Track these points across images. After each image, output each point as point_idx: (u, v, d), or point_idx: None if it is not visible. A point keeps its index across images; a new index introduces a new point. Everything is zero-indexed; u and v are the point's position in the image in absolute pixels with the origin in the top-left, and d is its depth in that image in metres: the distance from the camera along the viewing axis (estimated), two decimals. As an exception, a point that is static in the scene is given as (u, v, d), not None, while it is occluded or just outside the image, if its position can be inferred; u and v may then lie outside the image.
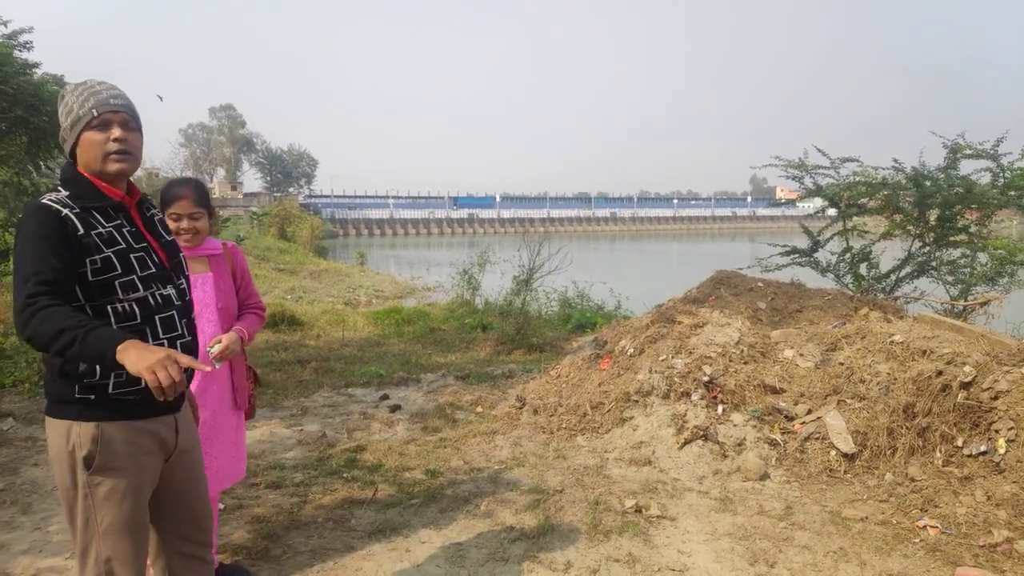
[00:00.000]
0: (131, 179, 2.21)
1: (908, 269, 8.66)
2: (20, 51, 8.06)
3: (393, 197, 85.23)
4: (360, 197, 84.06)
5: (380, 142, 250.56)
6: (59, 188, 2.08)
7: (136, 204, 2.19)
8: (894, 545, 3.54)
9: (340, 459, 4.78)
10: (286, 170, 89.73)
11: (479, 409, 6.00)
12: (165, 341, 2.10)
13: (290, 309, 11.62)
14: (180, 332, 2.16)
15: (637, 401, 5.13)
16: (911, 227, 8.64)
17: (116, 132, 2.05)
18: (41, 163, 9.60)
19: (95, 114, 2.04)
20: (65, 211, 1.97)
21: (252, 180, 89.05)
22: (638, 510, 3.92)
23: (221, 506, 3.88)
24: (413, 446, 5.08)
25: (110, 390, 2.02)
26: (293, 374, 7.33)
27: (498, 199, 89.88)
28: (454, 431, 5.41)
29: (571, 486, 4.30)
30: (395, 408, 6.07)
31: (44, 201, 1.99)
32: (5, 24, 7.98)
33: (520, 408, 5.72)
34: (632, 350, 5.80)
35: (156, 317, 2.09)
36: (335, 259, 35.19)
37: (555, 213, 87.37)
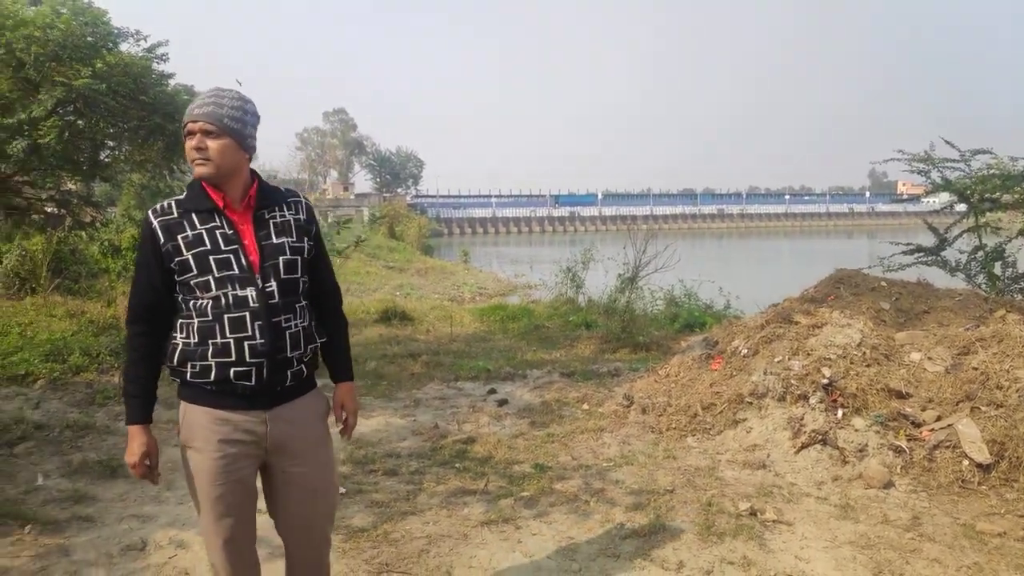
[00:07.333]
0: (265, 181, 2.30)
1: (1051, 268, 8.00)
2: (157, 63, 8.74)
3: (496, 196, 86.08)
4: (464, 197, 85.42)
5: (480, 140, 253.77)
6: (184, 191, 2.27)
7: (252, 206, 2.23)
8: (1037, 563, 3.30)
9: (451, 450, 4.92)
10: (394, 171, 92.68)
11: (585, 406, 6.01)
12: (231, 340, 2.12)
13: (401, 305, 12.02)
14: (250, 334, 2.13)
15: (751, 403, 5.00)
16: (1054, 224, 7.98)
17: (194, 140, 2.14)
18: (175, 166, 10.37)
19: (185, 123, 2.18)
20: (156, 222, 2.17)
21: (363, 181, 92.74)
22: (752, 513, 3.83)
23: (343, 491, 4.08)
24: (521, 440, 5.16)
25: (188, 377, 2.19)
26: (405, 367, 7.58)
27: (600, 196, 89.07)
28: (561, 427, 5.45)
29: (682, 486, 4.25)
30: (503, 402, 6.18)
31: (149, 211, 2.22)
32: (145, 38, 8.66)
33: (628, 407, 5.69)
34: (746, 350, 5.65)
35: (225, 317, 2.13)
36: (440, 257, 35.99)
37: (659, 210, 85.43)
